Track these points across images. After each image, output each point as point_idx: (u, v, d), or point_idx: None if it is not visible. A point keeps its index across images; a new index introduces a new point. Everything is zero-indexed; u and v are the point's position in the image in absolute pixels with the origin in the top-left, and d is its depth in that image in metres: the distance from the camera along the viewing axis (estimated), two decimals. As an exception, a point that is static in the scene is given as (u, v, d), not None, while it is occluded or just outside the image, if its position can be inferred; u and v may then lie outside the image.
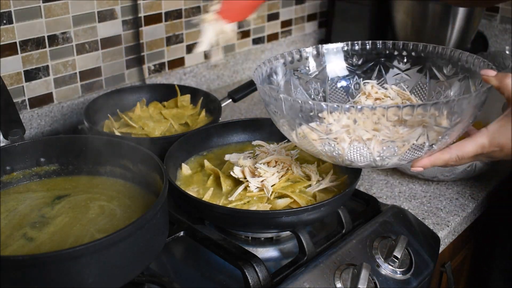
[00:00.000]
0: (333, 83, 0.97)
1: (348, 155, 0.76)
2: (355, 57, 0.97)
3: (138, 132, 1.13)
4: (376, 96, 0.89)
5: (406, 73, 0.95)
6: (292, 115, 0.76)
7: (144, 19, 1.37)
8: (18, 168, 0.89)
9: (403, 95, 0.90)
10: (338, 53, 0.97)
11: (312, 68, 0.96)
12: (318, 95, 0.96)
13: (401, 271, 0.88)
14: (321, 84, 0.97)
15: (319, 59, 0.96)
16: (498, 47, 1.72)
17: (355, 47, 0.96)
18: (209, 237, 0.88)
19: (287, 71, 0.93)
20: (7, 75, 1.18)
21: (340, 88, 0.97)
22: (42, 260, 0.64)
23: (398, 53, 0.95)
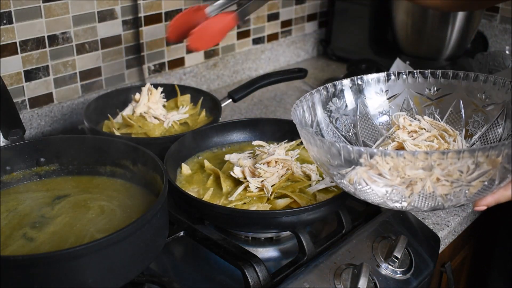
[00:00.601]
0: (365, 118, 0.92)
1: (414, 201, 0.72)
2: (381, 87, 0.93)
3: (138, 132, 1.13)
4: (410, 129, 0.84)
5: (437, 102, 0.90)
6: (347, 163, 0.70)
7: (144, 19, 1.37)
8: (18, 168, 0.89)
9: (437, 126, 0.85)
10: (369, 86, 0.92)
11: (344, 103, 0.91)
12: (349, 132, 0.91)
13: (401, 271, 0.88)
14: (350, 120, 0.92)
15: (352, 92, 0.92)
16: (498, 47, 1.72)
17: (391, 76, 0.92)
18: (209, 237, 0.88)
19: (318, 110, 0.88)
20: (7, 75, 1.18)
21: (371, 123, 0.92)
22: (42, 260, 0.64)
23: (427, 81, 0.91)
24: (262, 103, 1.52)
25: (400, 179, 0.68)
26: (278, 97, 1.56)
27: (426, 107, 0.92)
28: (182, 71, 1.51)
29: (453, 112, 0.90)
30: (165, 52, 1.46)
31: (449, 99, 0.90)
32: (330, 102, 0.89)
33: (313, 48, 1.91)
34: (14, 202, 0.84)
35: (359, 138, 0.91)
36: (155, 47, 1.43)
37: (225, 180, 0.95)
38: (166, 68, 1.48)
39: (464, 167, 0.66)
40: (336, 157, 0.70)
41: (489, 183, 0.69)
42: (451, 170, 0.66)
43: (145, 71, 1.43)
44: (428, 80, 0.91)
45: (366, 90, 0.92)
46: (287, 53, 1.81)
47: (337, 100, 0.90)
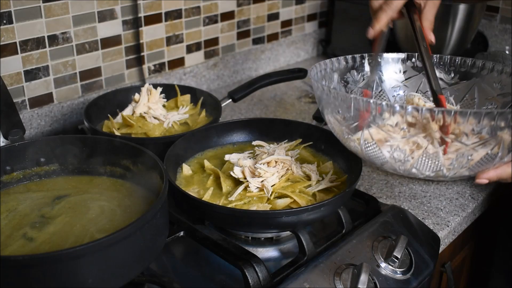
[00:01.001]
0: (380, 95, 0.95)
1: (416, 164, 0.74)
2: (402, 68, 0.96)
3: (138, 132, 1.13)
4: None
5: (453, 87, 0.93)
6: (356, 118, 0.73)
7: (144, 19, 1.37)
8: (18, 168, 0.89)
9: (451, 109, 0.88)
10: (389, 63, 0.96)
11: (362, 76, 0.95)
12: None
13: (401, 271, 0.88)
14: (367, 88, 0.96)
15: (371, 67, 0.95)
16: (498, 47, 1.72)
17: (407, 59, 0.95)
18: (209, 237, 0.88)
19: (334, 78, 0.92)
20: (7, 75, 1.18)
21: (385, 99, 0.96)
22: (42, 260, 0.64)
23: (445, 67, 0.94)
24: (262, 103, 1.52)
25: (403, 133, 0.70)
26: (278, 97, 1.56)
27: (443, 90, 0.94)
28: (182, 71, 1.51)
29: (467, 99, 0.92)
30: (165, 52, 1.46)
31: (465, 86, 0.93)
32: (349, 73, 0.93)
33: (313, 48, 1.91)
34: (14, 202, 0.84)
35: None
36: (155, 47, 1.43)
37: (225, 180, 0.95)
38: (166, 68, 1.48)
39: (468, 128, 0.69)
40: (346, 109, 0.74)
41: (492, 155, 0.71)
42: (455, 130, 0.69)
43: (145, 71, 1.43)
44: (446, 66, 0.94)
45: (384, 68, 0.95)
46: (287, 53, 1.81)
47: (355, 72, 0.94)
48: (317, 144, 1.06)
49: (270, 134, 1.10)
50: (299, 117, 1.42)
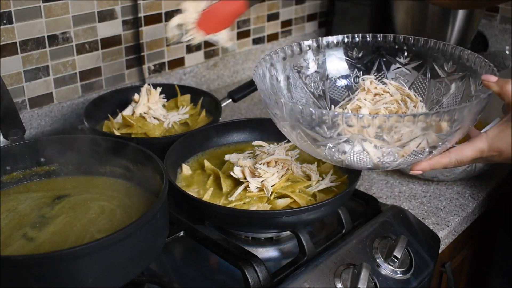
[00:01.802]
0: (333, 79, 0.96)
1: (348, 159, 0.76)
2: (355, 50, 0.96)
3: (138, 132, 1.13)
4: (375, 92, 0.88)
5: (406, 67, 0.94)
6: (293, 119, 0.75)
7: (144, 19, 1.37)
8: (18, 168, 0.89)
9: (402, 90, 0.89)
10: (338, 46, 0.96)
11: (311, 62, 0.95)
12: (318, 89, 0.95)
13: (401, 271, 0.88)
14: (320, 78, 0.96)
15: (318, 52, 0.95)
16: (498, 47, 1.72)
17: (356, 39, 0.96)
18: (209, 237, 0.88)
19: (287, 66, 0.92)
20: (7, 75, 1.18)
21: (340, 84, 0.96)
22: (42, 260, 0.64)
23: (399, 47, 0.94)
24: (262, 103, 1.52)
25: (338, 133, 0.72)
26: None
27: (395, 71, 0.95)
28: (182, 71, 1.51)
29: (419, 79, 0.93)
30: (165, 52, 1.46)
31: (418, 66, 0.93)
32: (302, 59, 0.93)
33: (313, 48, 1.91)
34: (14, 202, 0.84)
35: (327, 95, 0.95)
36: (155, 47, 1.43)
37: (225, 180, 0.95)
38: (166, 68, 1.48)
39: (403, 131, 0.70)
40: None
41: (419, 151, 0.73)
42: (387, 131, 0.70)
43: (145, 71, 1.43)
44: (401, 46, 0.94)
45: (336, 51, 0.96)
46: (287, 53, 1.81)
47: (308, 58, 0.94)
48: (317, 144, 1.06)
49: (270, 134, 1.10)
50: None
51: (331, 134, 0.72)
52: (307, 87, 0.95)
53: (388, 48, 0.95)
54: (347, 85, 0.96)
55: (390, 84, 0.90)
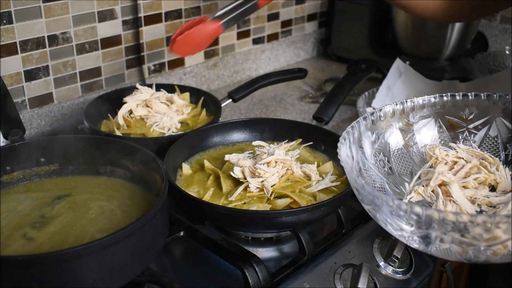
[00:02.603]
0: (396, 151, 0.86)
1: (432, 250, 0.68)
2: (410, 115, 0.86)
3: (138, 132, 1.13)
4: (449, 160, 0.81)
5: (470, 128, 0.85)
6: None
7: (144, 19, 1.37)
8: (18, 168, 0.89)
9: (475, 154, 0.82)
10: (394, 115, 0.86)
11: (371, 138, 0.84)
12: (384, 168, 0.85)
13: (401, 271, 0.88)
14: (384, 153, 0.85)
15: (376, 123, 0.85)
16: (498, 47, 1.72)
17: (409, 104, 0.86)
18: (209, 237, 0.88)
19: (353, 148, 0.81)
20: (7, 75, 1.18)
21: (403, 154, 0.86)
22: (42, 260, 0.64)
23: (458, 105, 0.85)
24: (262, 103, 1.52)
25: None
26: (278, 97, 1.56)
27: (459, 133, 0.87)
28: (182, 71, 1.51)
29: (489, 137, 0.85)
30: (165, 52, 1.46)
31: (483, 123, 0.85)
32: (364, 137, 0.83)
33: (313, 48, 1.91)
34: (14, 202, 0.84)
35: (395, 172, 0.86)
36: (155, 47, 1.43)
37: (225, 180, 0.95)
38: (166, 68, 1.48)
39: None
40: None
41: None
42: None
43: (145, 71, 1.43)
44: (459, 102, 0.85)
45: (394, 121, 0.86)
46: (287, 53, 1.81)
47: (370, 134, 0.84)
48: (317, 144, 1.06)
49: (270, 134, 1.10)
50: (299, 117, 1.42)
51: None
52: (374, 167, 0.84)
53: (445, 109, 0.86)
54: (407, 154, 0.87)
55: (458, 148, 0.83)
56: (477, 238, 0.61)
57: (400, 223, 0.66)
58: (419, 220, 0.63)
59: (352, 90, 1.18)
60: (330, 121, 1.10)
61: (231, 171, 0.94)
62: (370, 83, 1.46)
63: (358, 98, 1.31)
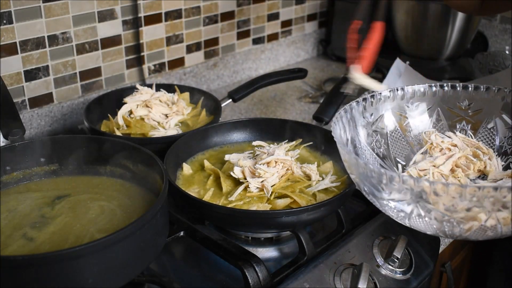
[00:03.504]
0: (394, 134, 0.88)
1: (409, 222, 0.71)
2: (410, 101, 0.89)
3: (138, 132, 1.13)
4: (443, 146, 0.83)
5: (468, 117, 0.87)
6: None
7: (144, 19, 1.37)
8: (18, 168, 0.89)
9: (470, 143, 0.84)
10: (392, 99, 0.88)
11: (372, 115, 0.87)
12: (380, 148, 0.87)
13: (401, 271, 0.88)
14: (381, 136, 0.88)
15: (376, 105, 0.88)
16: (498, 47, 1.72)
17: (409, 90, 0.88)
18: (209, 237, 0.88)
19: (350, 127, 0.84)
20: (7, 75, 1.18)
21: (401, 138, 0.88)
22: (42, 260, 0.64)
23: (458, 96, 0.87)
24: (262, 103, 1.52)
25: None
26: (278, 97, 1.56)
27: (457, 122, 0.89)
28: (182, 71, 1.51)
29: (485, 128, 0.87)
30: (165, 52, 1.46)
31: (481, 114, 0.86)
32: (362, 117, 0.85)
33: (313, 48, 1.91)
34: (14, 202, 0.84)
35: (391, 154, 0.88)
36: (155, 47, 1.43)
37: (225, 180, 0.95)
38: (166, 68, 1.48)
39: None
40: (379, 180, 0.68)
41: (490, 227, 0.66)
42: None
43: (145, 71, 1.43)
44: (459, 93, 0.87)
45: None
46: (287, 53, 1.81)
47: (368, 115, 0.86)
48: (317, 144, 1.06)
49: (270, 134, 1.10)
50: (299, 117, 1.42)
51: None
52: (370, 147, 0.86)
53: (445, 97, 0.88)
54: (407, 139, 0.89)
55: (454, 136, 0.85)
56: (450, 209, 0.64)
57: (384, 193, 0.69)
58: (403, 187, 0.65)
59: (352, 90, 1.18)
60: (330, 121, 1.10)
61: (231, 171, 0.94)
62: (370, 83, 1.46)
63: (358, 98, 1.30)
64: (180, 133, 1.13)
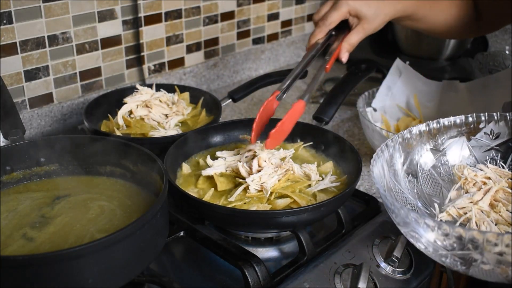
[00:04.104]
0: (422, 168, 0.86)
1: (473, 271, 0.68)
2: (437, 136, 0.87)
3: (138, 132, 1.13)
4: (478, 180, 0.82)
5: (497, 147, 0.85)
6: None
7: (144, 19, 1.37)
8: (18, 168, 0.89)
9: (503, 174, 0.82)
10: (421, 136, 0.86)
11: (400, 158, 0.84)
12: (413, 190, 0.85)
13: (401, 271, 0.88)
14: (412, 175, 0.86)
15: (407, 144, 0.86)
16: (498, 47, 1.72)
17: (435, 125, 0.86)
18: (209, 237, 0.88)
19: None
20: (7, 75, 1.18)
21: (430, 175, 0.86)
22: (42, 260, 0.64)
23: (483, 126, 0.86)
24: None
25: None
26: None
27: (486, 153, 0.87)
28: (182, 71, 1.51)
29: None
30: (165, 52, 1.46)
31: (509, 142, 0.85)
32: (392, 157, 0.83)
33: (313, 48, 1.91)
34: (14, 202, 0.84)
35: (425, 193, 0.86)
36: (155, 47, 1.43)
37: (217, 178, 0.94)
38: (166, 68, 1.48)
39: None
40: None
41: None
42: None
43: (145, 71, 1.43)
44: (485, 124, 0.86)
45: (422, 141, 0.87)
46: (287, 53, 1.81)
47: (398, 155, 0.84)
48: (317, 144, 1.06)
49: (270, 134, 1.10)
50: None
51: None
52: (401, 187, 0.84)
53: (469, 128, 0.86)
54: (435, 176, 0.87)
55: (486, 168, 0.83)
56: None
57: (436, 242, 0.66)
58: (459, 240, 0.63)
59: (352, 90, 1.18)
60: (330, 121, 1.10)
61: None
62: (370, 83, 1.46)
63: (358, 98, 1.30)
64: (180, 133, 1.13)
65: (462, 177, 0.83)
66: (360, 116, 1.17)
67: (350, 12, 1.02)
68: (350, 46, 1.04)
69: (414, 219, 0.67)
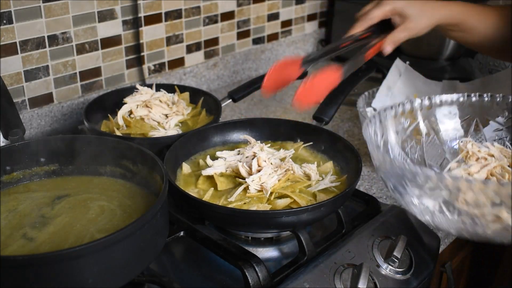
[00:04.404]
0: (431, 141, 0.89)
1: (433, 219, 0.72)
2: (450, 108, 0.90)
3: (138, 132, 1.13)
4: (480, 155, 0.83)
5: (507, 128, 0.87)
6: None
7: (144, 19, 1.37)
8: (18, 168, 0.89)
9: (508, 154, 0.83)
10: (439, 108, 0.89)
11: (408, 121, 0.88)
12: (415, 154, 0.89)
13: (401, 271, 0.88)
14: (416, 142, 0.88)
15: (412, 112, 0.89)
16: (498, 47, 1.72)
17: (449, 99, 0.89)
18: (209, 237, 0.88)
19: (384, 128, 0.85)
20: (7, 75, 1.18)
21: (437, 146, 0.89)
22: (42, 260, 0.64)
23: (498, 106, 0.87)
24: (262, 103, 1.52)
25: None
26: (278, 97, 1.56)
27: (496, 132, 0.89)
28: (182, 71, 1.51)
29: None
30: (165, 52, 1.46)
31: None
32: (399, 121, 0.86)
33: (313, 48, 1.91)
34: (14, 202, 0.84)
35: (426, 161, 0.88)
36: (155, 47, 1.43)
37: (217, 177, 0.94)
38: (166, 68, 1.48)
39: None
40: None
41: None
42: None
43: (145, 71, 1.43)
44: (499, 104, 0.88)
45: (437, 112, 0.90)
46: (287, 53, 1.81)
47: (404, 120, 0.87)
48: (317, 144, 1.06)
49: (270, 134, 1.10)
50: (299, 117, 1.42)
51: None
52: (405, 152, 0.88)
53: (484, 108, 0.88)
54: (444, 148, 0.90)
55: (492, 146, 0.84)
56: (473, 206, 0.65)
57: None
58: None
59: (352, 90, 1.18)
60: (330, 121, 1.10)
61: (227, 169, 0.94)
62: (370, 83, 1.46)
63: (358, 98, 1.31)
64: (180, 133, 1.13)
65: (464, 150, 0.84)
66: (360, 116, 1.17)
67: (394, 10, 1.01)
68: (395, 40, 1.03)
69: (409, 169, 0.68)
